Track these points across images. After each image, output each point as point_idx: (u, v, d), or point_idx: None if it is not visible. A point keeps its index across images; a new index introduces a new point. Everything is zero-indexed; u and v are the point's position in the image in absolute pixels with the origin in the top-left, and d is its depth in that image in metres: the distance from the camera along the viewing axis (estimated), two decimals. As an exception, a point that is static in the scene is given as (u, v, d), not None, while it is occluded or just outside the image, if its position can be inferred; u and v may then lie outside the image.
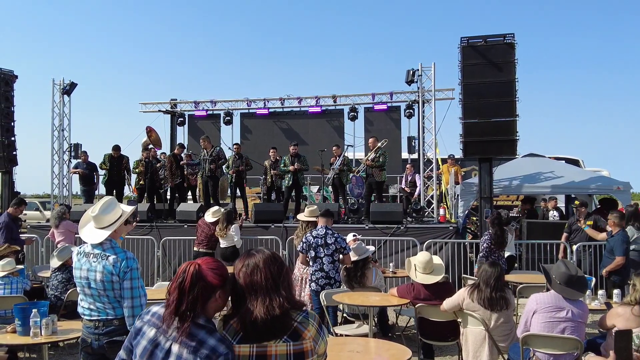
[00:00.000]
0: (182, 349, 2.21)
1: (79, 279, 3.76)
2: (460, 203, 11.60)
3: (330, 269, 6.49)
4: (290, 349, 2.27)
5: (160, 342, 2.27)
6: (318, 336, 2.33)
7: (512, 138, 9.97)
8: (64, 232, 9.37)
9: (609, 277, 7.41)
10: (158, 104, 17.20)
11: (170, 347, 2.24)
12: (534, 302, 4.55)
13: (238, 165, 12.74)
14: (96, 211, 3.75)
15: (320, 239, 6.51)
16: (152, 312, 2.37)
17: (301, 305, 2.39)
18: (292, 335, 2.28)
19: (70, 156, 15.10)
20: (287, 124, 16.83)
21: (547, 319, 4.43)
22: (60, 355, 6.49)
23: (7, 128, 12.51)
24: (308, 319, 2.34)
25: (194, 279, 2.26)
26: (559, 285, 4.50)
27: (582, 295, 4.62)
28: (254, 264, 2.34)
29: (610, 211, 8.12)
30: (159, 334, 2.28)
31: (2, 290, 6.15)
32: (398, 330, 7.36)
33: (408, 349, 4.07)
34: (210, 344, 2.20)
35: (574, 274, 4.52)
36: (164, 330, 2.27)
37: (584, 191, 12.18)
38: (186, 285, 2.25)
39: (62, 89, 15.03)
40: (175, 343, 2.23)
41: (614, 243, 7.42)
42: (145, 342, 2.30)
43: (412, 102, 15.03)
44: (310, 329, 2.31)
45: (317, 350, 2.32)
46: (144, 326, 2.34)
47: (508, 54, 10.00)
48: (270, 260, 2.36)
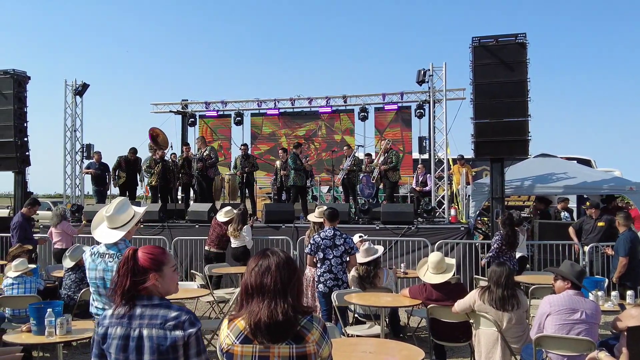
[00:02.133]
0: (150, 330, 2.42)
1: (94, 280, 3.78)
2: (472, 203, 11.56)
3: (339, 271, 6.47)
4: (293, 352, 2.30)
5: (130, 334, 2.45)
6: (322, 340, 2.35)
7: (524, 138, 9.92)
8: (61, 234, 9.39)
9: (619, 283, 7.32)
10: (169, 105, 17.29)
11: (139, 333, 2.43)
12: (547, 304, 4.52)
13: (245, 166, 12.80)
14: (110, 211, 3.77)
15: (328, 240, 6.47)
16: (108, 315, 2.56)
17: (308, 311, 2.40)
18: (295, 339, 2.31)
19: (82, 156, 15.17)
20: (297, 124, 16.85)
21: (561, 321, 4.40)
22: (74, 355, 6.54)
23: (20, 129, 12.60)
24: (312, 322, 2.36)
25: (127, 260, 2.50)
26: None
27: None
28: (267, 266, 2.37)
29: (617, 212, 8.09)
30: (125, 329, 2.47)
31: (15, 290, 6.21)
32: (410, 331, 7.34)
33: (421, 350, 4.07)
34: (172, 316, 2.44)
35: (581, 269, 4.69)
36: (127, 323, 2.47)
37: (596, 192, 12.09)
38: (121, 265, 2.51)
39: (75, 89, 15.10)
40: (144, 328, 2.43)
41: (619, 243, 7.38)
42: (117, 341, 2.47)
43: (422, 102, 14.99)
44: (314, 332, 2.34)
45: (320, 353, 2.35)
46: (108, 329, 2.52)
47: (520, 53, 9.95)
48: (282, 265, 2.38)
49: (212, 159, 12.52)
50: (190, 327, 2.43)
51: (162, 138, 12.92)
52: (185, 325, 2.43)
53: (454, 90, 13.99)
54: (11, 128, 12.36)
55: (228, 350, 2.35)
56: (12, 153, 12.42)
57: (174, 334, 2.41)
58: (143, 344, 2.43)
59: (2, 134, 12.46)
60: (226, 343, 2.36)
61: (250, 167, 12.99)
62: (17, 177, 12.79)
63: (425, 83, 13.63)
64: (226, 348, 2.36)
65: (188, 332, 2.42)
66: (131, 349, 2.44)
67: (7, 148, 12.44)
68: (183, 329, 2.43)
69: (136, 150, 13.30)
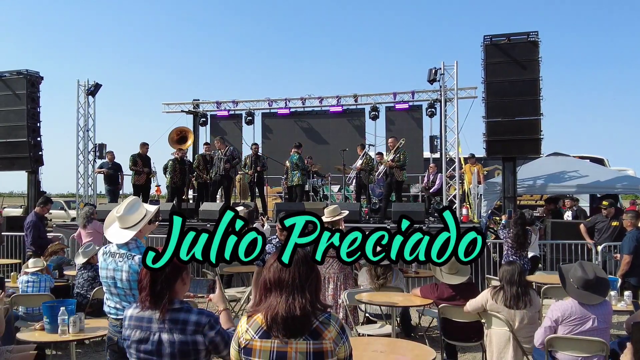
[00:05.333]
0: (170, 335, 2.47)
1: (105, 279, 3.80)
2: (484, 203, 11.52)
3: None
4: (310, 348, 2.29)
5: (149, 337, 2.49)
6: (339, 339, 2.34)
7: (536, 137, 9.87)
8: (92, 233, 9.39)
9: (623, 281, 7.26)
10: (180, 105, 17.37)
11: (159, 337, 2.48)
12: (559, 311, 4.41)
13: (256, 166, 12.85)
14: (121, 211, 3.78)
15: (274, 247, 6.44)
16: (128, 316, 2.60)
17: (326, 308, 2.41)
18: (312, 334, 2.30)
19: (95, 156, 15.27)
20: (308, 123, 16.85)
21: (573, 332, 4.34)
22: (87, 353, 6.58)
23: (33, 129, 12.73)
24: (330, 320, 2.36)
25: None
26: (577, 290, 4.38)
27: (602, 299, 4.44)
28: None
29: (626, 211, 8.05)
30: (144, 332, 2.51)
31: (30, 287, 6.26)
32: (421, 330, 7.32)
33: (432, 349, 4.05)
34: (193, 320, 2.50)
35: (591, 278, 4.36)
36: (147, 327, 2.51)
37: (609, 191, 11.98)
38: (153, 270, 2.51)
39: (87, 90, 15.20)
40: (164, 332, 2.48)
41: (624, 241, 7.35)
42: (136, 343, 2.52)
43: (434, 101, 14.93)
44: (331, 329, 2.33)
45: (337, 352, 2.33)
46: (128, 331, 2.57)
47: (532, 52, 9.90)
48: (301, 261, 2.39)
49: (236, 159, 12.58)
50: (210, 330, 2.49)
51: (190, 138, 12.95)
52: (206, 328, 2.49)
53: (465, 88, 13.91)
54: (24, 128, 12.49)
55: (247, 345, 2.35)
56: (25, 153, 12.55)
57: (195, 338, 2.47)
58: (163, 347, 2.48)
59: (16, 134, 12.58)
60: (245, 338, 2.36)
61: (261, 166, 13.04)
62: (30, 176, 12.91)
63: (437, 82, 13.57)
64: (245, 343, 2.36)
65: (210, 336, 2.49)
66: (151, 352, 2.49)
67: (20, 148, 12.56)
68: (204, 334, 2.48)
69: (147, 144, 13.28)
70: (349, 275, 6.74)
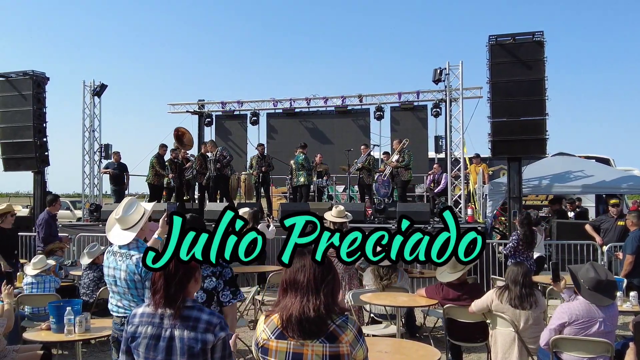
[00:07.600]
0: (182, 332, 2.49)
1: (107, 277, 3.87)
2: (489, 203, 11.49)
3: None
4: (326, 351, 2.30)
5: (161, 334, 2.52)
6: (356, 342, 2.35)
7: (542, 137, 9.84)
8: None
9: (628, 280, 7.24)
10: (186, 105, 17.43)
11: (171, 334, 2.50)
12: (566, 313, 4.39)
13: (261, 166, 12.86)
14: (119, 213, 3.80)
15: None
16: (139, 314, 2.62)
17: (343, 311, 2.41)
18: (329, 337, 2.31)
19: (100, 156, 15.31)
20: (313, 123, 16.85)
21: (579, 335, 4.32)
22: (92, 352, 6.61)
23: (39, 129, 12.76)
24: (347, 323, 2.36)
25: (177, 264, 2.54)
26: (588, 290, 4.37)
27: (612, 300, 4.44)
28: (302, 264, 2.41)
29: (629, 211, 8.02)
30: (156, 328, 2.53)
31: (35, 289, 6.28)
32: (426, 331, 7.31)
33: (437, 350, 4.05)
34: (204, 319, 2.53)
35: (603, 279, 4.34)
36: (159, 323, 2.53)
37: (615, 191, 11.93)
38: (171, 270, 2.54)
39: (93, 90, 15.23)
40: (175, 329, 2.50)
41: (627, 241, 7.32)
42: (147, 340, 2.53)
43: (439, 101, 14.90)
44: (348, 333, 2.33)
45: (354, 355, 2.34)
46: (138, 327, 2.58)
47: (537, 52, 9.86)
48: (317, 263, 2.40)
49: (227, 158, 12.57)
50: (221, 331, 2.51)
51: (188, 137, 12.97)
52: (217, 329, 2.51)
53: (470, 88, 13.89)
54: (30, 128, 12.52)
55: (263, 345, 2.38)
56: (31, 153, 12.58)
57: (206, 337, 2.48)
58: (174, 344, 2.50)
59: (22, 135, 12.62)
60: (262, 338, 2.39)
61: (266, 166, 13.05)
62: (36, 177, 12.95)
63: (442, 82, 13.55)
64: (262, 343, 2.39)
65: (219, 335, 2.51)
66: (161, 348, 2.51)
67: (26, 148, 12.60)
68: (214, 333, 2.50)
69: (166, 145, 13.30)
70: (353, 276, 6.74)
